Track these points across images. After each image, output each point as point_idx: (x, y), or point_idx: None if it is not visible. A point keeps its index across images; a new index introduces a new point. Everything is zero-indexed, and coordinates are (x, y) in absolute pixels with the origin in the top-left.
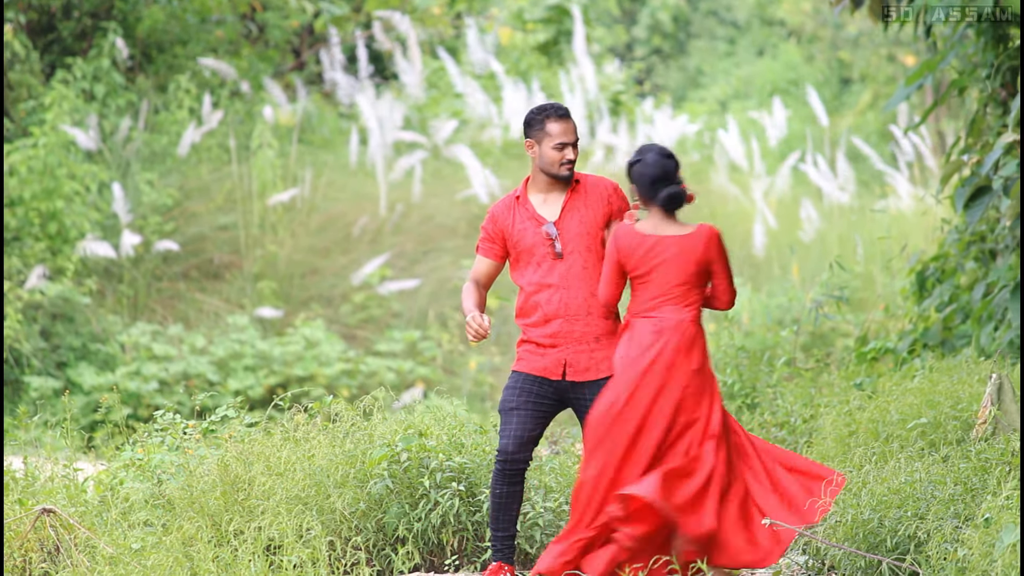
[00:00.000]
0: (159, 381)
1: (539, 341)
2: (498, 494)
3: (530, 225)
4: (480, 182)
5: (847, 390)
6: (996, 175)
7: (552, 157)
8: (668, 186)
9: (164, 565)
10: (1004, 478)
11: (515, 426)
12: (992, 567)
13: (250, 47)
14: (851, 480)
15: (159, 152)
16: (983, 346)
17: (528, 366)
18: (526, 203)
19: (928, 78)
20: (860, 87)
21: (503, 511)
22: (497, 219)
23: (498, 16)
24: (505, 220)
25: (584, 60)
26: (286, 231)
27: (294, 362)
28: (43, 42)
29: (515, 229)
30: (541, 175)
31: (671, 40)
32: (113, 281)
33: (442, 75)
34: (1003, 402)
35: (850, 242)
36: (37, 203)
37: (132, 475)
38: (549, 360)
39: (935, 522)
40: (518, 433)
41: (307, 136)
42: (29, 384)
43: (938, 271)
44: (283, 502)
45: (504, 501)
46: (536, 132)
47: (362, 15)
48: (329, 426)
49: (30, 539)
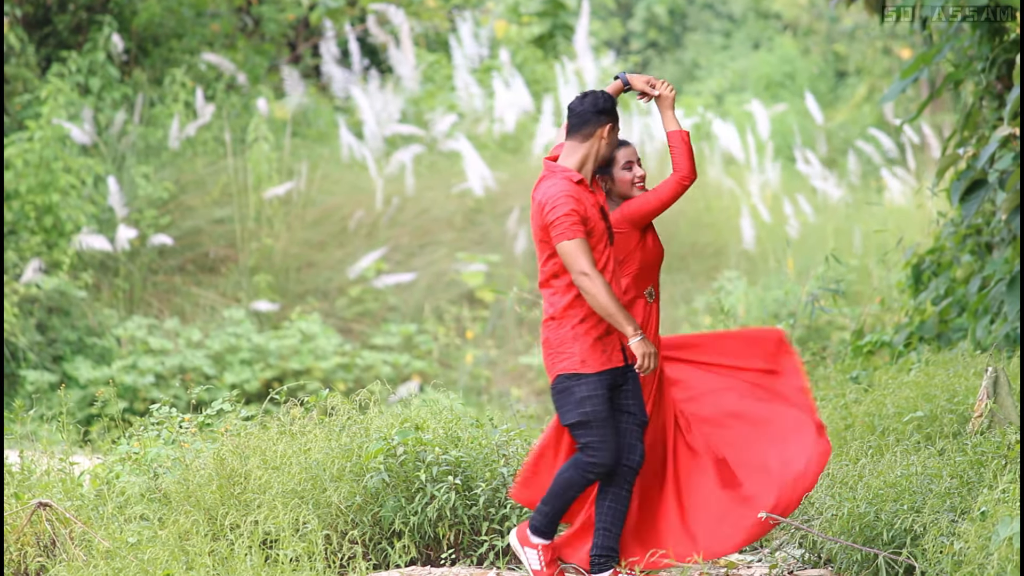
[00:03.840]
0: (155, 375)
1: (602, 332)
2: (626, 498)
3: (596, 213)
4: (476, 175)
5: (843, 383)
6: (992, 168)
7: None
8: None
9: (160, 559)
10: (1000, 471)
11: (613, 433)
12: (988, 560)
13: (246, 40)
14: (847, 473)
15: (154, 146)
16: (979, 339)
17: (602, 363)
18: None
19: (924, 71)
20: (856, 80)
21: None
22: (582, 202)
23: (494, 10)
24: (583, 204)
25: (585, 53)
26: (282, 225)
27: (290, 356)
28: (39, 36)
29: (590, 215)
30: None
31: (667, 33)
32: (109, 275)
33: (437, 69)
34: (999, 395)
35: (846, 235)
36: (33, 197)
37: (128, 469)
38: (612, 349)
39: (931, 515)
40: (616, 440)
41: (302, 129)
42: (25, 378)
43: (934, 264)
44: (279, 496)
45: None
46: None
47: (357, 9)
48: (325, 420)
49: (26, 533)
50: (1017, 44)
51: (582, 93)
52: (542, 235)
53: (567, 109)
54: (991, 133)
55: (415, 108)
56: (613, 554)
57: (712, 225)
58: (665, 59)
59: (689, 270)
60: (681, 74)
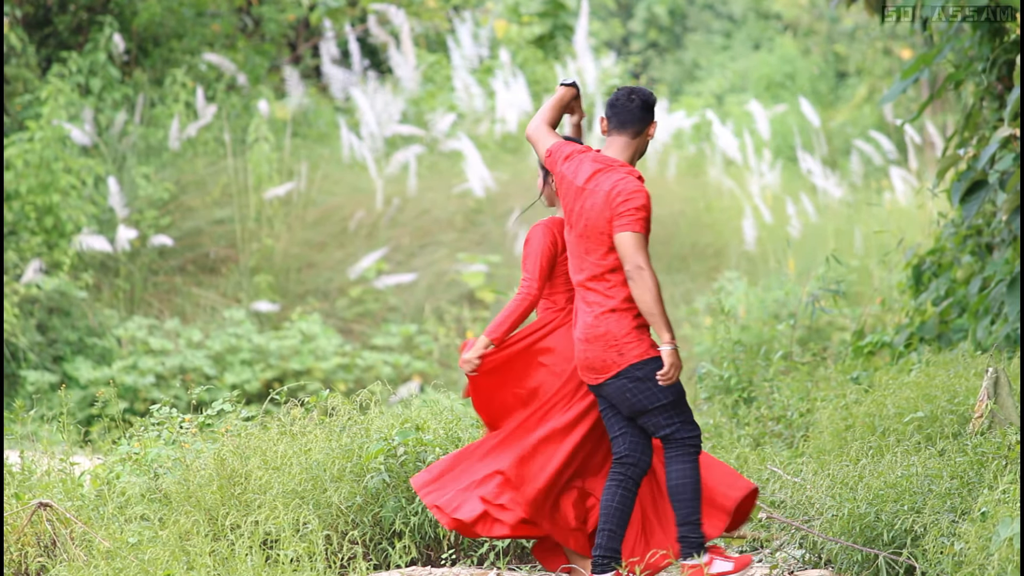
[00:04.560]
0: (155, 375)
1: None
2: (632, 500)
3: None
4: (477, 175)
5: (844, 384)
6: (992, 169)
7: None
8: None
9: (161, 559)
10: (1001, 472)
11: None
12: (989, 561)
13: (246, 41)
14: (848, 474)
15: (155, 146)
16: (979, 340)
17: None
18: None
19: (924, 72)
20: (856, 81)
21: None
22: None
23: (493, 10)
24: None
25: (585, 54)
26: (282, 225)
27: (290, 356)
28: (39, 36)
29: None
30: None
31: (667, 34)
32: (109, 275)
33: (438, 69)
34: (999, 396)
35: (847, 236)
36: (33, 197)
37: (129, 469)
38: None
39: (932, 516)
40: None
41: (303, 130)
42: (26, 378)
43: (934, 265)
44: (280, 496)
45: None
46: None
47: (357, 9)
48: (326, 420)
49: (27, 533)
50: (1017, 45)
51: (627, 89)
52: (605, 226)
53: (610, 105)
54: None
55: (415, 108)
56: (616, 555)
57: (712, 225)
58: (665, 59)
59: (689, 270)
60: (681, 74)
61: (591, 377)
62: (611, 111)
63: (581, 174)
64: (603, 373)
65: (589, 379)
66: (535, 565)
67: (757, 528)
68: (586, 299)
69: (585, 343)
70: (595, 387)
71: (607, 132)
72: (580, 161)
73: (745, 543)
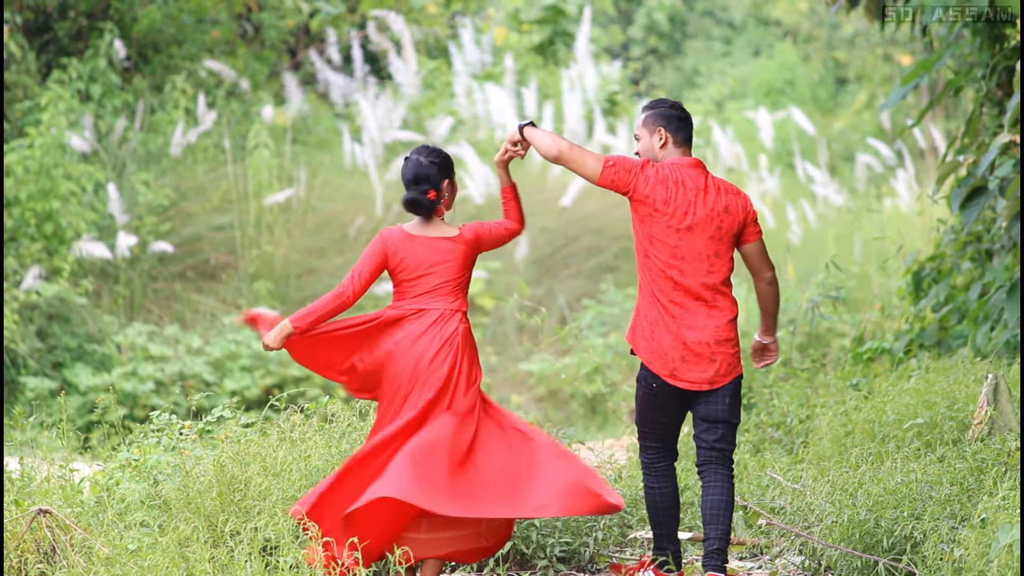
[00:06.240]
0: (155, 382)
1: None
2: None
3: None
4: (476, 182)
5: (843, 390)
6: (992, 175)
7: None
8: (412, 190)
9: (160, 566)
10: (1000, 478)
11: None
12: (988, 567)
13: (246, 47)
14: (847, 481)
15: (155, 152)
16: (979, 346)
17: None
18: None
19: (924, 78)
20: (856, 87)
21: None
22: None
23: (494, 16)
24: None
25: (586, 60)
26: (282, 231)
27: (290, 362)
28: (39, 42)
29: None
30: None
31: (667, 40)
32: (109, 282)
33: (438, 75)
34: (999, 402)
35: (846, 242)
36: (33, 203)
37: (128, 476)
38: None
39: (931, 522)
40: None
41: (302, 136)
42: (25, 384)
43: (934, 271)
44: (279, 503)
45: None
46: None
47: (357, 16)
48: (325, 426)
49: (26, 540)
50: (1017, 51)
51: (671, 101)
52: (736, 230)
53: (678, 119)
54: (991, 140)
55: (415, 115)
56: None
57: None
58: (665, 66)
59: None
60: (681, 81)
61: (707, 380)
62: (680, 124)
63: (693, 178)
64: (726, 377)
65: (702, 381)
66: (535, 571)
67: (757, 534)
68: (716, 303)
69: (716, 345)
70: (693, 391)
71: (670, 145)
72: (679, 166)
73: (744, 549)
